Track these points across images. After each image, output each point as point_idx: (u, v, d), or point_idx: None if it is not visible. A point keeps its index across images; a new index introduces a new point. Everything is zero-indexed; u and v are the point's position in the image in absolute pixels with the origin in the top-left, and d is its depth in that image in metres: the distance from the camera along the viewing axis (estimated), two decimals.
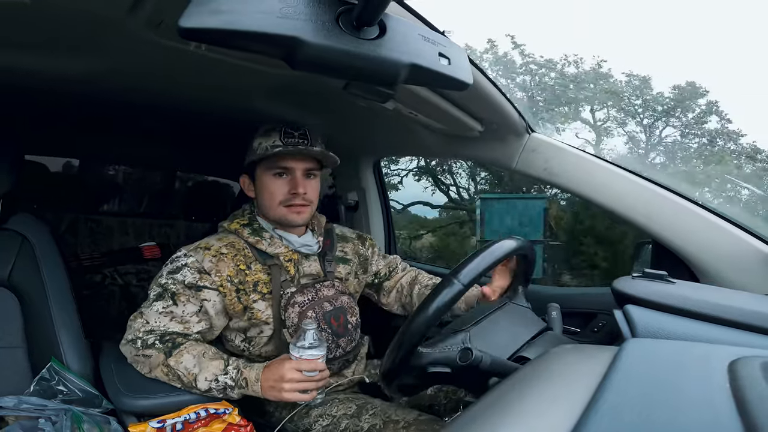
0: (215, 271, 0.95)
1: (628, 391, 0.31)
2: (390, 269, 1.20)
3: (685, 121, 11.95)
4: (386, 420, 0.89)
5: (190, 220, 2.14)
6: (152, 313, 0.93)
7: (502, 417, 0.32)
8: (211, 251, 0.97)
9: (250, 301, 0.97)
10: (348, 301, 1.07)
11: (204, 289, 0.94)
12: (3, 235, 1.04)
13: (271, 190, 0.99)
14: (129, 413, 0.91)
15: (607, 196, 1.00)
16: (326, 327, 1.00)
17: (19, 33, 0.74)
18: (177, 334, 0.93)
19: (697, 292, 0.63)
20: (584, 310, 1.17)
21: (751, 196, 9.66)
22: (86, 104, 1.23)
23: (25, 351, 1.01)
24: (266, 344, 1.01)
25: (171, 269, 0.96)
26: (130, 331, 0.94)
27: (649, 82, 11.89)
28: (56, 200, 1.89)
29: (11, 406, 0.86)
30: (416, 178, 9.34)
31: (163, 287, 0.95)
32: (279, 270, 1.00)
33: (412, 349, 0.64)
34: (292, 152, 0.96)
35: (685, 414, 0.29)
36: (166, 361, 0.89)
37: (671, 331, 0.51)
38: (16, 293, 1.02)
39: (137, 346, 0.92)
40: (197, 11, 0.31)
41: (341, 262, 1.12)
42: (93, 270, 1.89)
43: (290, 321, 0.97)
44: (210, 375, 0.88)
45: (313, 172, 1.03)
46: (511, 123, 1.01)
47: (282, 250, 1.01)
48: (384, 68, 0.40)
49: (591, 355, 0.42)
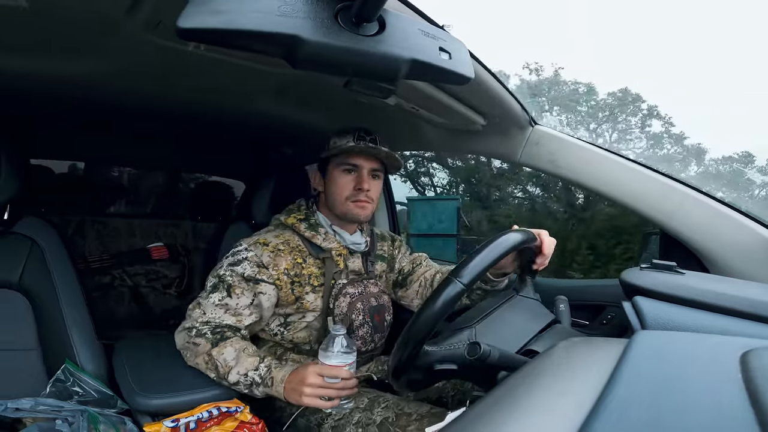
0: (273, 266, 1.00)
1: (638, 383, 0.31)
2: (414, 265, 1.22)
3: (627, 126, 12.42)
4: (399, 413, 0.90)
5: (196, 220, 2.15)
6: (209, 304, 0.97)
7: (510, 412, 0.32)
8: (269, 247, 1.02)
9: (303, 292, 1.03)
10: (388, 300, 1.14)
11: (261, 283, 0.99)
12: (12, 239, 1.05)
13: (340, 184, 1.05)
14: (143, 413, 0.92)
15: (614, 187, 0.99)
16: (369, 320, 1.06)
17: (20, 36, 0.75)
18: (228, 327, 0.97)
19: (707, 282, 0.62)
20: (592, 303, 1.16)
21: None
22: (89, 106, 1.24)
23: (39, 353, 1.03)
24: (301, 330, 1.05)
25: (232, 261, 1.00)
26: (188, 320, 0.98)
27: (595, 89, 12.37)
28: (63, 203, 1.91)
29: (28, 408, 0.87)
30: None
31: (221, 278, 0.99)
32: (331, 262, 1.05)
33: (419, 345, 0.64)
34: (363, 150, 1.02)
35: (697, 406, 0.28)
36: (210, 350, 0.93)
37: (681, 323, 0.50)
38: (27, 296, 1.04)
39: (191, 334, 0.96)
40: (195, 11, 0.31)
41: (380, 260, 1.19)
42: (102, 272, 1.91)
43: (339, 310, 1.03)
44: (243, 369, 0.91)
45: (378, 173, 1.08)
46: (514, 116, 1.01)
47: (335, 245, 1.06)
48: (384, 64, 0.40)
49: (600, 348, 0.41)
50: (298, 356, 1.07)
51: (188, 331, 0.96)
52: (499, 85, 0.89)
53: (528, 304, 0.80)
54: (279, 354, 1.07)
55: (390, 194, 1.77)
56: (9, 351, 1.00)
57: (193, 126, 1.49)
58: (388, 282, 1.22)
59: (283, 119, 1.29)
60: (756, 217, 0.87)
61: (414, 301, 1.20)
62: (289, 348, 1.07)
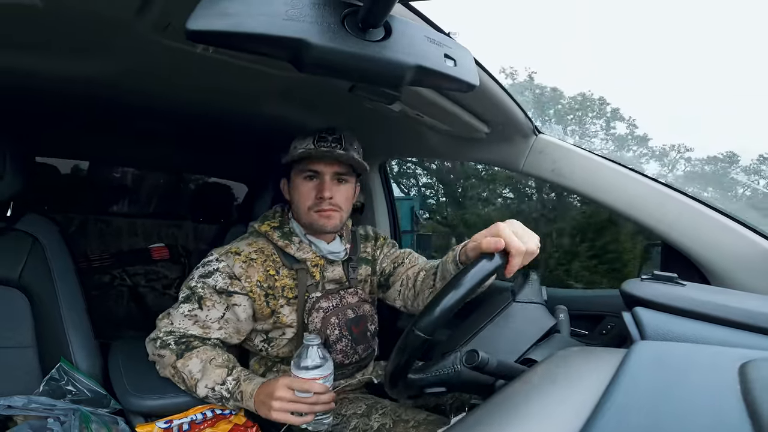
0: (245, 277, 0.95)
1: (636, 393, 0.31)
2: (395, 265, 1.13)
3: (594, 129, 12.85)
4: (396, 419, 0.89)
5: (198, 222, 2.16)
6: (178, 314, 0.93)
7: (507, 419, 0.32)
8: (242, 257, 0.97)
9: (278, 305, 0.98)
10: (369, 309, 1.07)
11: (235, 295, 0.94)
12: (14, 235, 1.05)
13: (302, 192, 0.98)
14: (136, 413, 0.91)
15: (616, 198, 0.99)
16: (347, 333, 1.00)
17: (30, 35, 0.76)
18: (194, 338, 0.94)
19: (707, 294, 0.62)
20: (592, 313, 1.16)
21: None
22: (95, 106, 1.24)
23: (35, 351, 1.03)
24: (285, 346, 1.01)
25: (203, 273, 0.96)
26: (155, 330, 0.95)
27: (560, 93, 12.79)
28: (66, 201, 1.92)
29: (20, 406, 0.87)
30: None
31: (192, 290, 0.94)
32: (305, 274, 1.00)
33: (415, 353, 0.64)
34: (317, 155, 0.95)
35: (694, 416, 0.28)
36: (175, 362, 0.90)
37: (681, 334, 0.50)
38: (26, 293, 1.04)
39: (156, 346, 0.93)
40: (204, 14, 0.32)
41: (363, 263, 1.12)
42: (102, 270, 1.92)
43: (313, 325, 0.97)
44: (210, 383, 0.87)
45: (344, 177, 1.00)
46: (518, 124, 1.01)
47: (309, 256, 1.00)
48: (390, 70, 0.40)
49: (599, 357, 0.41)
50: (288, 367, 1.01)
51: (154, 342, 0.93)
52: (504, 93, 0.89)
53: (526, 312, 0.77)
54: (269, 366, 1.04)
55: (390, 194, 1.74)
56: (5, 348, 1.00)
57: (198, 127, 1.49)
58: (373, 285, 1.14)
59: (287, 122, 1.29)
60: (757, 229, 0.87)
61: (396, 302, 1.11)
62: (278, 361, 1.03)
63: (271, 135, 1.53)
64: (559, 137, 0.88)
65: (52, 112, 1.34)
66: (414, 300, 1.05)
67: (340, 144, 0.97)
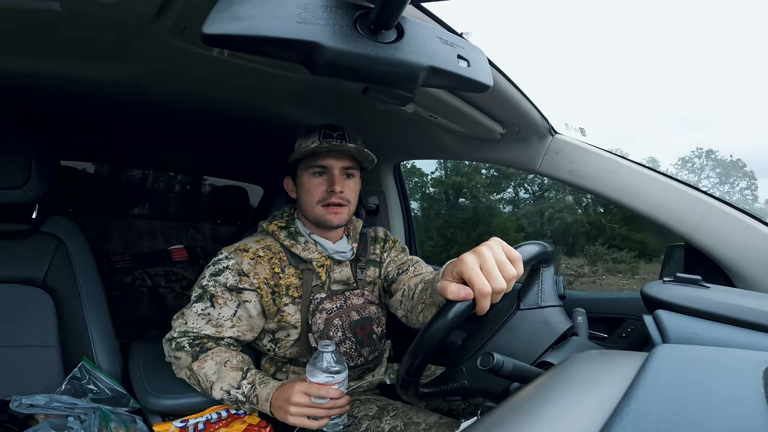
0: (253, 273, 0.96)
1: (657, 397, 0.30)
2: (399, 271, 1.09)
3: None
4: (407, 422, 0.89)
5: (215, 223, 2.19)
6: (191, 314, 0.95)
7: (522, 423, 0.32)
8: (249, 253, 0.98)
9: (282, 304, 0.98)
10: (376, 311, 1.06)
11: (244, 291, 0.95)
12: (39, 237, 1.09)
13: (309, 188, 1.00)
14: (154, 412, 0.93)
15: (636, 198, 0.97)
16: (351, 336, 0.99)
17: (51, 40, 0.78)
18: (208, 338, 0.95)
19: (732, 296, 0.60)
20: (611, 315, 1.13)
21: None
22: (116, 110, 1.27)
23: (58, 350, 1.05)
24: (292, 347, 1.01)
25: (213, 271, 0.97)
26: (170, 331, 0.97)
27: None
28: (89, 204, 1.97)
29: (42, 405, 0.89)
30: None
31: (204, 289, 0.96)
32: (311, 275, 1.00)
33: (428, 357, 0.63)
34: (326, 149, 0.96)
35: (717, 421, 0.27)
36: (191, 365, 0.91)
37: (704, 337, 0.49)
38: (51, 294, 1.07)
39: (171, 347, 0.94)
40: (219, 18, 0.32)
41: (372, 265, 1.12)
42: (124, 271, 1.96)
43: (316, 327, 0.97)
44: (225, 386, 0.88)
45: (351, 171, 1.02)
46: (534, 125, 1.00)
47: (315, 256, 1.01)
48: (403, 71, 0.40)
49: (618, 361, 0.40)
50: (298, 368, 1.03)
51: (169, 344, 0.95)
52: (519, 93, 0.88)
53: (535, 316, 0.72)
54: (279, 366, 1.05)
55: (405, 196, 1.73)
56: (30, 347, 1.03)
57: (214, 130, 1.52)
58: (380, 288, 1.13)
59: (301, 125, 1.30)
60: None
61: (398, 311, 1.07)
62: (286, 361, 1.04)
63: (285, 137, 1.54)
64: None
65: (74, 115, 1.37)
66: (412, 312, 1.00)
67: (345, 139, 0.99)
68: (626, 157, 1.00)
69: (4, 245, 1.05)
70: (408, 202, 1.74)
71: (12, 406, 0.88)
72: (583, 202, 10.66)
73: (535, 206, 11.28)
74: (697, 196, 0.91)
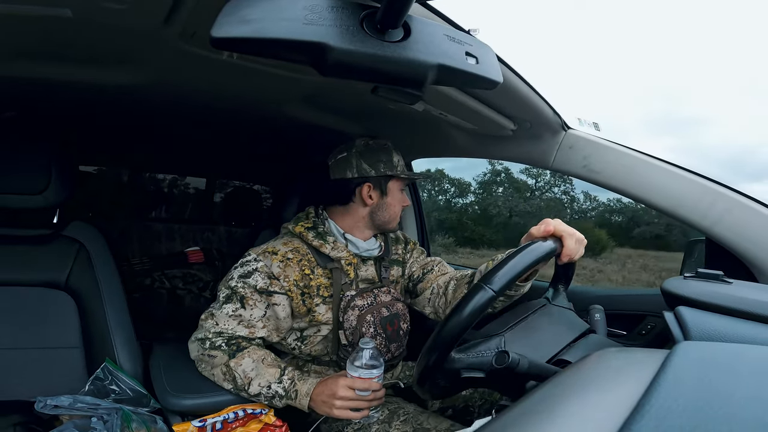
0: (283, 276, 0.98)
1: (678, 395, 0.29)
2: (424, 271, 1.16)
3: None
4: (417, 427, 0.89)
5: (230, 226, 2.22)
6: (222, 315, 0.96)
7: (539, 421, 0.31)
8: (278, 256, 0.99)
9: (313, 304, 1.00)
10: (402, 308, 1.10)
11: (274, 294, 0.97)
12: (61, 241, 1.11)
13: (397, 200, 1.10)
14: (174, 412, 0.95)
15: (653, 193, 0.95)
16: (381, 332, 1.03)
17: (64, 46, 0.79)
18: (242, 338, 0.97)
19: (757, 292, 0.58)
20: (631, 312, 1.11)
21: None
22: (130, 115, 1.29)
23: (81, 351, 1.08)
24: (319, 343, 1.03)
25: (242, 273, 0.98)
26: (200, 331, 0.98)
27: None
28: (109, 208, 2.02)
29: (67, 405, 0.91)
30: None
31: (233, 290, 0.97)
32: (339, 273, 1.03)
33: (445, 353, 0.63)
34: (422, 176, 1.12)
35: (740, 420, 0.26)
36: (228, 362, 0.93)
37: (728, 334, 0.47)
38: (73, 296, 1.10)
39: (205, 346, 0.96)
40: (227, 21, 0.32)
41: (395, 264, 1.16)
42: (143, 273, 2.00)
43: (348, 323, 1.00)
44: (264, 381, 0.91)
45: None
46: (546, 120, 0.98)
47: (344, 254, 1.04)
48: (411, 70, 0.40)
49: (638, 359, 0.39)
50: (319, 367, 1.05)
51: (201, 343, 0.96)
52: (529, 89, 0.87)
53: (561, 314, 0.77)
54: (300, 365, 1.06)
55: (417, 198, 1.76)
56: (54, 349, 1.06)
57: (226, 133, 1.54)
58: (403, 287, 1.18)
59: (312, 126, 1.31)
60: None
61: (426, 309, 1.14)
62: (309, 360, 1.06)
63: (296, 139, 1.55)
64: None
65: (90, 121, 1.40)
66: (446, 308, 1.07)
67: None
68: (642, 151, 0.98)
69: (28, 250, 1.08)
70: (421, 205, 1.75)
71: (37, 407, 0.90)
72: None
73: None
74: (719, 190, 0.89)
